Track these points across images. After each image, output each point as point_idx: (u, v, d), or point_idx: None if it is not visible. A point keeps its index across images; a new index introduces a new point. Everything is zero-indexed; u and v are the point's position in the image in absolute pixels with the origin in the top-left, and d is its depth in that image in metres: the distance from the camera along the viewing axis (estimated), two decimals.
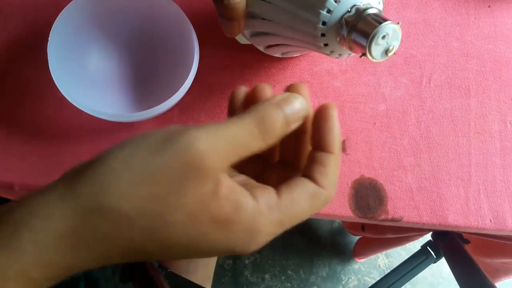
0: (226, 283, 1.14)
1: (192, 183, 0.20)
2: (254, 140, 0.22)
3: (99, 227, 0.19)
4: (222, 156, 0.20)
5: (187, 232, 0.20)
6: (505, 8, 0.44)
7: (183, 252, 0.21)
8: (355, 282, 1.17)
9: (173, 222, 0.20)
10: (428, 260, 0.69)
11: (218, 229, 0.21)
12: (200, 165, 0.20)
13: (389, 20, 0.26)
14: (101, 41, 0.39)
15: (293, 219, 0.23)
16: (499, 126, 0.40)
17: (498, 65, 0.42)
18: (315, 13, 0.28)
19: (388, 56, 0.27)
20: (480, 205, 0.38)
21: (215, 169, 0.20)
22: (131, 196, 0.19)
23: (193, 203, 0.20)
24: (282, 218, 0.22)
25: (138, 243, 0.20)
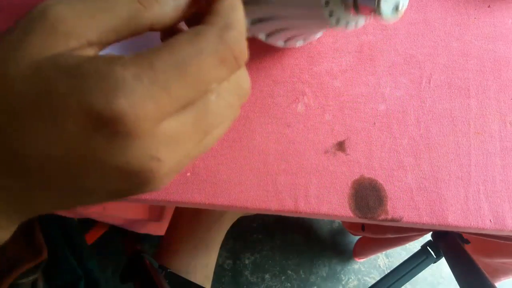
0: (226, 283, 1.14)
1: (38, 33, 0.16)
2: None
3: None
4: (80, 7, 0.17)
5: (30, 84, 0.16)
6: (505, 8, 0.44)
7: (34, 116, 0.16)
8: (355, 282, 1.17)
9: (14, 74, 0.16)
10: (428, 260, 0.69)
11: (67, 75, 0.16)
12: (48, 13, 0.17)
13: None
14: None
15: (170, 64, 0.16)
16: (499, 126, 0.40)
17: (498, 65, 0.42)
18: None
19: (399, 14, 0.26)
20: (480, 205, 0.38)
21: (70, 21, 0.17)
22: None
23: (36, 52, 0.16)
24: (152, 59, 0.16)
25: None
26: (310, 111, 0.40)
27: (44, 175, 0.17)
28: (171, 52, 0.16)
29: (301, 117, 0.40)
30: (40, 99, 0.16)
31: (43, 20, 0.16)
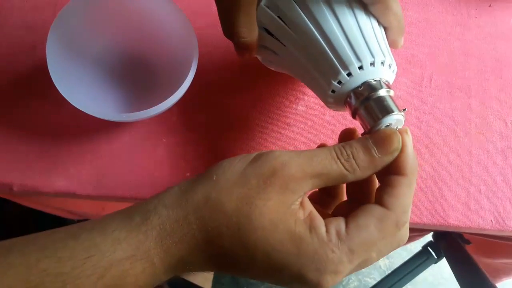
0: (226, 283, 1.14)
1: (276, 189, 0.23)
2: (332, 163, 0.24)
3: (202, 215, 0.23)
4: (302, 168, 0.24)
5: (267, 238, 0.23)
6: (506, 7, 0.44)
7: (263, 263, 0.23)
8: (355, 283, 1.17)
9: (257, 226, 0.23)
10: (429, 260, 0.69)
11: (291, 243, 0.23)
12: (283, 172, 0.23)
13: (396, 110, 0.26)
14: (100, 41, 0.39)
15: (363, 246, 0.23)
16: (500, 126, 0.40)
17: (499, 64, 0.42)
18: (327, 80, 0.28)
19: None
20: (481, 206, 0.38)
21: (295, 178, 0.23)
22: (230, 193, 0.23)
23: (275, 210, 0.23)
24: (350, 245, 0.23)
25: (227, 241, 0.23)
26: (310, 111, 0.40)
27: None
28: (365, 239, 0.23)
29: (302, 117, 0.40)
30: (273, 253, 0.23)
31: (281, 180, 0.23)
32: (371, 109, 0.27)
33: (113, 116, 0.33)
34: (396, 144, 0.25)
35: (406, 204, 0.24)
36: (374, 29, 0.29)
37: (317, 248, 0.22)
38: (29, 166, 0.37)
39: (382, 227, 0.23)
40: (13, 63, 0.40)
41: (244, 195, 0.23)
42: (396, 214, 0.24)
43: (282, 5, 0.29)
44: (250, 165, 0.24)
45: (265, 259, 0.23)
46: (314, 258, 0.22)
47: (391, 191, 0.24)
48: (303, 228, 0.23)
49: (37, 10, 0.41)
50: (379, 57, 0.28)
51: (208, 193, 0.24)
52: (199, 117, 0.39)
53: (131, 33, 0.39)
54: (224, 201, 0.23)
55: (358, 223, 0.23)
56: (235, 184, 0.24)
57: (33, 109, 0.39)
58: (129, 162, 0.38)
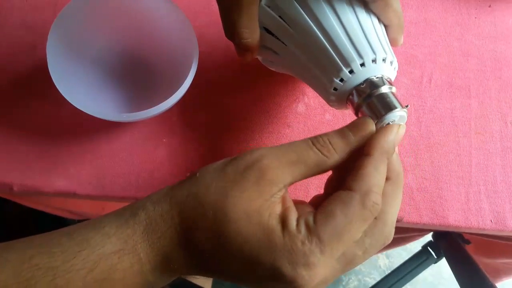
0: (226, 283, 1.14)
1: (252, 180, 0.24)
2: (309, 151, 0.24)
3: (183, 210, 0.24)
4: (280, 161, 0.24)
5: (240, 230, 0.23)
6: (505, 7, 0.44)
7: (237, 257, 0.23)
8: (355, 282, 1.17)
9: (232, 218, 0.23)
10: (429, 260, 0.69)
11: (264, 237, 0.23)
12: (259, 164, 0.24)
13: (398, 106, 0.26)
14: (100, 41, 0.39)
15: (333, 234, 0.23)
16: (500, 126, 0.40)
17: (498, 64, 0.42)
18: (329, 78, 0.28)
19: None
20: (480, 206, 0.38)
21: (273, 170, 0.24)
22: (209, 188, 0.24)
23: (250, 201, 0.23)
24: (319, 235, 0.23)
25: (204, 234, 0.23)
26: (310, 111, 0.40)
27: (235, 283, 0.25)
28: (331, 225, 0.23)
29: (302, 117, 0.40)
30: (245, 244, 0.23)
31: (257, 171, 0.24)
32: (374, 106, 0.27)
33: (113, 116, 0.33)
34: (370, 126, 0.26)
35: (371, 184, 0.24)
36: (374, 27, 0.29)
37: (286, 240, 0.23)
38: (29, 166, 0.37)
39: (347, 211, 0.23)
40: (13, 63, 0.40)
41: (221, 188, 0.24)
42: (360, 194, 0.23)
43: (282, 4, 0.29)
44: (230, 162, 0.25)
45: (239, 252, 0.23)
46: (284, 250, 0.22)
47: (355, 173, 0.24)
48: (276, 222, 0.23)
49: (37, 10, 0.41)
50: (381, 54, 0.28)
51: (190, 188, 0.25)
52: (199, 117, 0.39)
53: (131, 33, 0.39)
54: (203, 195, 0.24)
55: (324, 211, 0.23)
56: (213, 179, 0.24)
57: (33, 109, 0.39)
58: (129, 162, 0.38)
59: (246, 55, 0.30)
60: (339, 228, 0.23)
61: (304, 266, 0.22)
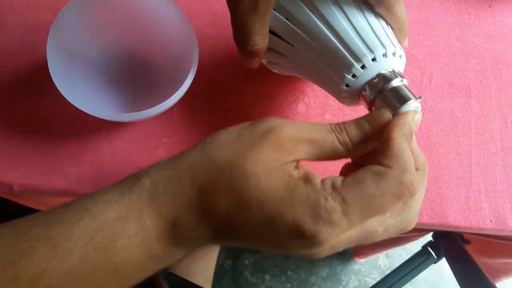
0: (226, 283, 1.14)
1: (270, 144, 0.23)
2: (326, 133, 0.24)
3: (195, 174, 0.23)
4: (298, 133, 0.24)
5: (261, 185, 0.22)
6: (505, 7, 0.44)
7: (257, 214, 0.22)
8: (355, 282, 1.17)
9: (251, 174, 0.22)
10: (429, 260, 0.69)
11: (285, 190, 0.22)
12: (279, 131, 0.24)
13: (412, 98, 0.26)
14: (100, 41, 0.39)
15: (359, 199, 0.22)
16: (500, 126, 0.40)
17: (498, 64, 0.42)
18: (340, 75, 0.28)
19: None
20: (480, 206, 0.38)
21: (290, 139, 0.24)
22: (225, 149, 0.24)
23: (268, 161, 0.23)
24: (344, 194, 0.22)
25: (221, 194, 0.23)
26: (310, 110, 0.40)
27: (248, 245, 0.24)
28: (360, 191, 0.22)
29: (302, 117, 0.40)
30: (267, 201, 0.22)
31: (275, 137, 0.24)
32: (388, 99, 0.27)
33: (113, 116, 0.33)
34: (387, 116, 0.26)
35: (406, 161, 0.23)
36: (382, 25, 0.29)
37: (310, 194, 0.22)
38: (29, 166, 0.37)
39: (380, 182, 0.22)
40: (13, 63, 0.40)
41: (238, 149, 0.23)
42: (397, 170, 0.23)
43: (290, 7, 0.29)
44: (247, 127, 0.25)
45: (259, 208, 0.22)
46: (307, 203, 0.22)
47: (385, 153, 0.24)
48: (297, 179, 0.23)
49: (37, 10, 0.41)
50: (390, 48, 0.28)
51: (202, 151, 0.24)
52: (199, 117, 0.39)
53: (131, 33, 0.39)
54: (218, 156, 0.23)
55: (356, 177, 0.23)
56: (230, 142, 0.24)
57: (33, 109, 0.39)
58: (129, 162, 0.38)
59: (254, 61, 0.30)
60: (368, 196, 0.22)
61: (325, 223, 0.21)
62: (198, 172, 0.23)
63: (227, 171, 0.23)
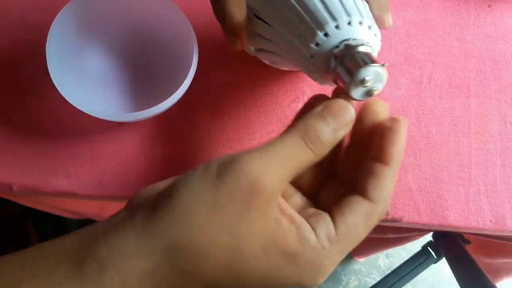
0: None
1: (257, 207, 0.21)
2: (303, 152, 0.22)
3: (178, 264, 0.20)
4: (278, 174, 0.21)
5: (261, 266, 0.21)
6: (505, 7, 0.44)
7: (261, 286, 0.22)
8: (355, 282, 1.17)
9: (248, 255, 0.21)
10: (429, 260, 0.69)
11: (288, 263, 0.21)
12: (260, 188, 0.20)
13: (375, 62, 0.25)
14: (100, 41, 0.39)
15: (352, 245, 0.23)
16: (500, 126, 0.40)
17: (498, 65, 0.42)
18: (306, 46, 0.28)
19: (370, 97, 0.26)
20: (480, 206, 0.38)
21: (273, 190, 0.21)
22: (205, 229, 0.20)
23: (261, 232, 0.21)
24: (342, 247, 0.23)
25: (216, 279, 0.20)
26: None
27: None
28: (353, 238, 0.23)
29: None
30: (270, 277, 0.21)
31: (261, 197, 0.21)
32: (347, 65, 0.25)
33: (113, 116, 0.33)
34: (350, 112, 0.24)
35: (388, 194, 0.24)
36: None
37: (312, 259, 0.22)
38: (29, 166, 0.37)
39: (368, 223, 0.23)
40: (13, 63, 0.40)
41: (225, 227, 0.20)
42: (381, 207, 0.23)
43: None
44: (219, 187, 0.20)
45: (263, 283, 0.22)
46: (312, 269, 0.22)
47: (376, 183, 0.23)
48: (294, 243, 0.22)
49: (37, 10, 0.41)
50: (356, 17, 0.27)
51: (178, 234, 0.20)
52: (199, 117, 0.39)
53: (131, 33, 0.39)
54: (202, 242, 0.20)
55: (347, 223, 0.23)
56: (209, 217, 0.20)
57: (33, 109, 0.39)
58: (129, 162, 0.38)
59: (237, 41, 0.30)
60: (359, 239, 0.23)
61: (326, 273, 0.23)
62: (181, 264, 0.20)
63: (219, 258, 0.20)
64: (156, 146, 0.39)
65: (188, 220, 0.20)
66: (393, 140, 0.24)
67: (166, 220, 0.20)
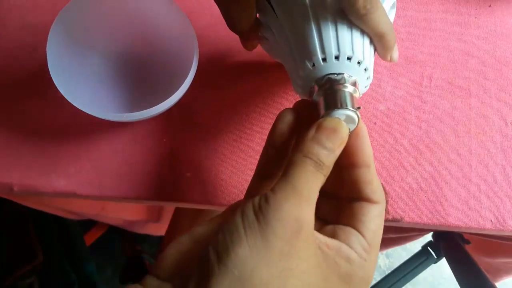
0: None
1: (302, 245, 0.21)
2: (316, 177, 0.23)
3: None
4: (311, 208, 0.23)
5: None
6: (506, 7, 0.44)
7: None
8: None
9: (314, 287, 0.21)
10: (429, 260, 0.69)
11: (346, 285, 0.23)
12: (303, 226, 0.21)
13: (350, 105, 0.26)
14: (100, 41, 0.39)
15: (379, 246, 0.25)
16: (500, 126, 0.40)
17: (498, 65, 0.42)
18: (296, 72, 0.29)
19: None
20: (480, 205, 0.38)
21: (312, 224, 0.22)
22: (273, 283, 0.20)
23: (317, 265, 0.21)
24: (375, 252, 0.25)
25: None
26: None
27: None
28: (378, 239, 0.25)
29: None
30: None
31: (303, 233, 0.21)
32: (325, 100, 0.27)
33: (113, 116, 0.33)
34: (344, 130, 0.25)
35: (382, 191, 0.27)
36: (353, 31, 0.28)
37: (363, 275, 0.23)
38: (29, 166, 0.37)
39: (382, 222, 0.26)
40: (13, 63, 0.40)
41: (286, 272, 0.20)
42: (384, 204, 0.26)
43: None
44: (267, 235, 0.20)
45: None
46: (364, 282, 0.24)
47: (372, 187, 0.26)
48: (344, 265, 0.23)
49: (37, 10, 0.41)
50: (346, 52, 0.27)
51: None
52: (199, 117, 0.39)
53: (131, 32, 0.39)
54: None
55: (371, 229, 0.25)
56: (270, 267, 0.20)
57: (33, 109, 0.39)
58: (129, 162, 0.38)
59: (247, 43, 0.32)
60: (381, 238, 0.25)
61: (371, 282, 0.25)
62: None
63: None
64: (156, 146, 0.39)
65: (253, 277, 0.19)
66: (364, 143, 0.26)
67: (233, 285, 0.19)
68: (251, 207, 0.21)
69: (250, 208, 0.21)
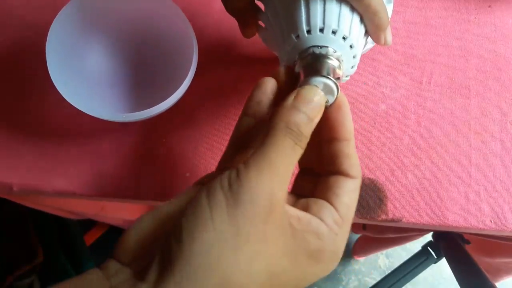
0: None
1: (274, 221, 0.20)
2: (295, 152, 0.22)
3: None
4: (285, 182, 0.21)
5: (295, 275, 0.22)
6: (505, 8, 0.44)
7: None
8: (355, 282, 1.17)
9: (280, 271, 0.21)
10: (429, 260, 0.69)
11: (316, 261, 0.22)
12: (276, 203, 0.20)
13: (330, 75, 0.26)
14: (100, 41, 0.39)
15: (351, 221, 0.24)
16: (500, 126, 0.40)
17: (498, 65, 0.42)
18: (285, 39, 0.29)
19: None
20: (480, 206, 0.38)
21: (284, 199, 0.21)
22: (238, 267, 0.19)
23: (285, 244, 0.21)
24: (347, 226, 0.24)
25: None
26: None
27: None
28: (351, 214, 0.25)
29: None
30: (302, 279, 0.22)
31: (276, 210, 0.20)
32: (305, 70, 0.27)
33: (113, 116, 0.33)
34: (321, 98, 0.24)
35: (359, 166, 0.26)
36: (341, 5, 0.28)
37: (333, 249, 0.23)
38: (29, 166, 0.37)
39: (357, 198, 0.25)
40: (13, 63, 0.40)
41: (254, 255, 0.19)
42: (360, 179, 0.26)
43: None
44: (236, 215, 0.19)
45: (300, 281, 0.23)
46: (334, 257, 0.23)
47: (350, 161, 0.25)
48: (313, 241, 0.22)
49: (37, 10, 0.41)
50: (332, 26, 0.28)
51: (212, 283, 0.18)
52: (199, 117, 0.39)
53: (131, 33, 0.39)
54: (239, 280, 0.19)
55: (344, 203, 0.24)
56: (236, 251, 0.19)
57: (33, 109, 0.39)
58: (128, 162, 0.38)
59: (245, 29, 0.32)
60: (354, 213, 0.25)
61: (340, 257, 0.24)
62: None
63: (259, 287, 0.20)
64: (156, 146, 0.39)
65: (219, 263, 0.18)
66: (344, 119, 0.26)
67: (197, 272, 0.18)
68: (219, 186, 0.20)
69: (218, 187, 0.20)
